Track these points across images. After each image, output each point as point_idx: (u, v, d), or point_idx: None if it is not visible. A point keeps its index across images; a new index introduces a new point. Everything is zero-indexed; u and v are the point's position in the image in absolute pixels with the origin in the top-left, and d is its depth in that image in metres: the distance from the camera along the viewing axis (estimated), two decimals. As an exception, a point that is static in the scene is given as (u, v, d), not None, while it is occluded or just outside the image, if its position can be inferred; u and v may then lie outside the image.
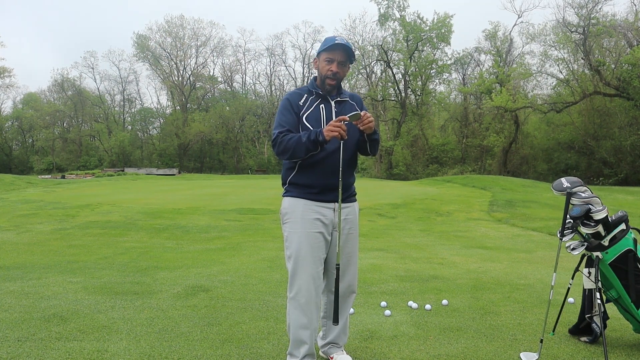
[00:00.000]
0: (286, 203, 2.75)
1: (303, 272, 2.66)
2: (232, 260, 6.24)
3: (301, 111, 2.72)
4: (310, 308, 2.67)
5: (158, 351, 3.04)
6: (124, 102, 66.14)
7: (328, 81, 2.75)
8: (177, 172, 48.92)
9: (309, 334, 2.69)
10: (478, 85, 40.66)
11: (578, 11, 33.71)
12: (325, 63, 2.74)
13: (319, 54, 2.78)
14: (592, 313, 3.22)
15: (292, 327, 2.70)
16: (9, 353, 2.96)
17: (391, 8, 41.30)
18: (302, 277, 2.67)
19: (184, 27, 58.79)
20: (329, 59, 2.73)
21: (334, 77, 2.75)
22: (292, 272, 2.69)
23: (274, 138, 2.65)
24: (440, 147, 43.71)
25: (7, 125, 64.37)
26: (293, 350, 2.72)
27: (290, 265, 2.70)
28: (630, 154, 31.21)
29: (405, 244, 8.10)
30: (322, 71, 2.75)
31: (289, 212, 2.72)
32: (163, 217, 10.56)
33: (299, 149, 2.58)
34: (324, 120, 2.74)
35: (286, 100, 2.75)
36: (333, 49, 2.71)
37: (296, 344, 2.71)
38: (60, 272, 5.38)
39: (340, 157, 2.68)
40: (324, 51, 2.74)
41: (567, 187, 3.14)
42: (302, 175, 2.73)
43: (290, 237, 2.70)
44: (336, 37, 2.72)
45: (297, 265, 2.67)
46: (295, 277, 2.68)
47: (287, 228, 2.72)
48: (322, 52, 2.75)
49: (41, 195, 15.80)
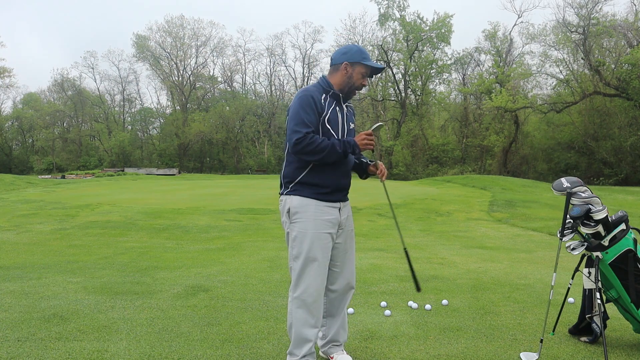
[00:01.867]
0: (296, 202, 2.70)
1: (312, 271, 2.68)
2: (232, 260, 6.24)
3: (323, 111, 2.71)
4: (317, 307, 2.71)
5: (158, 351, 3.04)
6: (124, 102, 66.12)
7: (355, 91, 2.83)
8: (177, 172, 48.92)
9: (315, 332, 2.72)
10: (478, 85, 40.69)
11: (578, 11, 33.76)
12: (361, 76, 2.79)
13: (353, 64, 2.77)
14: (592, 313, 3.22)
15: (296, 326, 2.69)
16: (9, 353, 2.96)
17: (391, 8, 41.35)
18: (311, 276, 2.67)
19: (184, 27, 58.78)
20: (365, 73, 2.80)
21: (361, 89, 2.88)
22: (300, 271, 2.69)
23: (302, 137, 2.56)
24: (440, 147, 43.72)
25: (7, 125, 64.35)
26: (294, 349, 2.71)
27: (299, 265, 2.69)
28: (630, 154, 31.22)
29: (406, 244, 8.10)
30: (356, 82, 2.79)
31: (300, 212, 2.69)
32: (163, 217, 10.57)
33: (330, 156, 2.60)
34: (341, 124, 2.79)
35: (310, 98, 2.68)
36: (371, 67, 2.79)
37: (299, 343, 2.69)
38: (60, 272, 5.38)
39: (351, 160, 2.81)
40: (362, 64, 2.77)
41: (567, 187, 3.14)
42: (314, 175, 2.71)
43: (300, 236, 2.68)
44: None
45: (307, 265, 2.67)
46: (303, 276, 2.68)
47: (298, 227, 2.69)
48: (360, 65, 2.77)
49: (41, 195, 15.81)
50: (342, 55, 2.78)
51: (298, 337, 2.69)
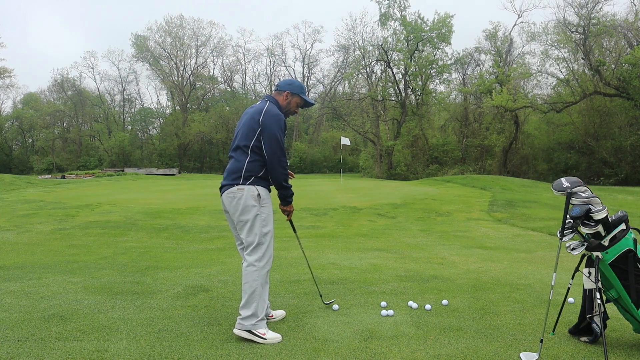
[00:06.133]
0: (261, 190, 3.40)
1: (272, 244, 3.44)
2: (232, 260, 6.24)
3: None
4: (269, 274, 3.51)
5: (158, 351, 3.04)
6: (124, 102, 66.08)
7: (289, 115, 3.67)
8: (177, 172, 48.89)
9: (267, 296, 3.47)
10: (478, 85, 40.67)
11: (578, 11, 33.75)
12: (296, 105, 3.63)
13: (293, 94, 3.59)
14: (592, 313, 3.22)
15: (259, 290, 3.29)
16: (9, 353, 2.96)
17: (392, 8, 41.33)
18: (271, 248, 3.43)
19: (184, 27, 58.73)
20: (300, 104, 3.65)
21: (293, 114, 3.74)
22: (268, 245, 3.38)
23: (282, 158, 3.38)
24: (441, 147, 43.70)
25: (7, 125, 64.33)
26: (258, 311, 3.28)
27: (267, 240, 3.38)
28: (630, 154, 31.22)
29: (405, 244, 8.10)
30: (292, 108, 3.63)
31: (266, 198, 3.43)
32: (163, 217, 10.57)
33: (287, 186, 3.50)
34: None
35: (284, 123, 3.45)
36: (306, 102, 3.66)
37: (262, 304, 3.31)
38: (60, 272, 5.38)
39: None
40: (301, 97, 3.61)
41: (567, 187, 3.14)
42: (266, 172, 3.46)
43: (268, 217, 3.41)
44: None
45: (271, 240, 3.42)
46: (269, 249, 3.39)
47: (267, 210, 3.42)
48: (299, 97, 3.61)
49: (41, 195, 15.81)
50: (287, 85, 3.60)
51: (261, 300, 3.29)
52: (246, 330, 3.23)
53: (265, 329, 3.27)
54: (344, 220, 10.77)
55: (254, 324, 3.23)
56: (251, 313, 3.24)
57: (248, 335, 3.21)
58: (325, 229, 9.62)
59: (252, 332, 3.22)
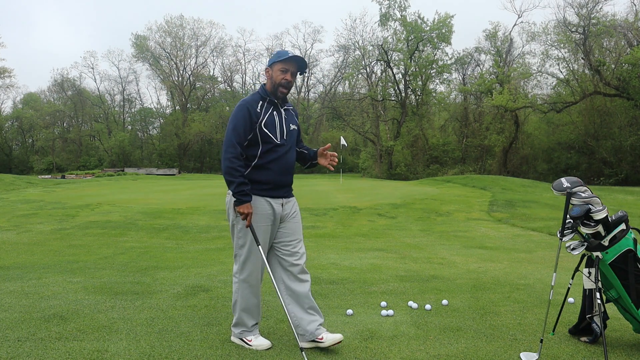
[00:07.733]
0: None
1: (253, 260, 3.08)
2: (232, 260, 6.23)
3: (259, 118, 3.00)
4: (259, 288, 3.18)
5: (158, 351, 3.04)
6: (124, 102, 66.04)
7: (281, 89, 3.06)
8: (177, 172, 48.89)
9: (259, 308, 3.22)
10: (479, 85, 40.67)
11: (578, 11, 33.73)
12: (280, 72, 3.04)
13: (272, 65, 3.07)
14: (592, 313, 3.22)
15: (240, 303, 3.11)
16: (9, 353, 2.96)
17: (392, 8, 41.33)
18: (251, 264, 3.09)
19: (184, 27, 58.70)
20: (284, 69, 3.04)
21: (287, 85, 3.07)
22: (246, 259, 3.08)
23: (228, 149, 2.91)
24: (441, 147, 43.69)
25: (7, 125, 64.30)
26: (247, 321, 3.15)
27: (244, 253, 3.07)
28: (630, 154, 31.21)
29: (405, 244, 8.10)
30: (277, 79, 3.05)
31: None
32: (163, 217, 10.57)
33: (231, 181, 2.92)
34: (279, 127, 3.07)
35: (246, 110, 2.97)
36: (288, 61, 3.04)
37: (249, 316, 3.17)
38: (60, 272, 5.38)
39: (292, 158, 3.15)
40: (278, 62, 3.03)
41: (567, 187, 3.14)
42: (256, 172, 3.04)
43: (244, 229, 3.02)
44: (289, 51, 3.03)
45: (251, 253, 3.06)
46: (247, 263, 3.09)
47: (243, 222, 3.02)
48: (277, 63, 3.04)
49: (41, 195, 15.81)
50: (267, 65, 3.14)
51: (245, 312, 3.13)
52: (236, 337, 3.21)
53: (254, 335, 3.17)
54: (344, 220, 10.77)
55: (241, 332, 3.18)
56: (235, 322, 3.20)
57: (239, 342, 3.19)
58: (325, 229, 9.62)
59: (241, 339, 3.19)
